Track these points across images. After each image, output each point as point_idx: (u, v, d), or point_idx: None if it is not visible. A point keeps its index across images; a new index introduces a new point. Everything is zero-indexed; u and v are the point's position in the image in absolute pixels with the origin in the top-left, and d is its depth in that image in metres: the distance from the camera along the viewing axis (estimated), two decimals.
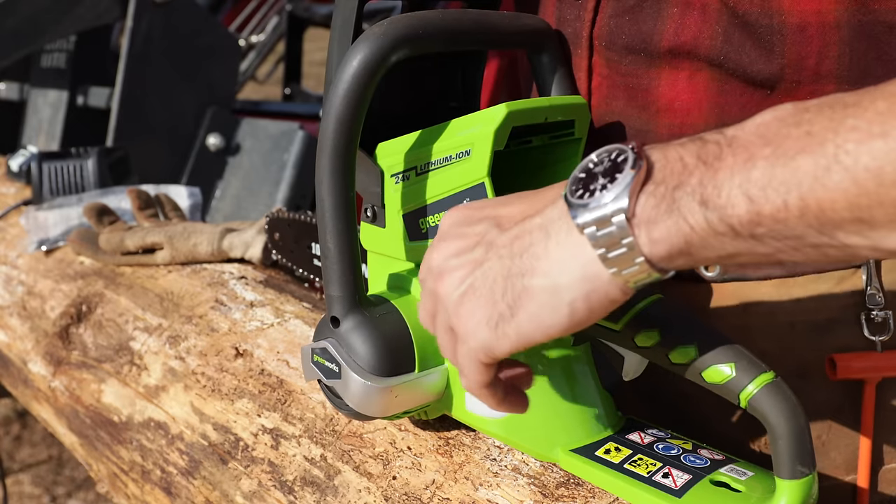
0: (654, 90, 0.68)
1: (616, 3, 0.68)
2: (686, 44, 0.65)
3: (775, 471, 0.54)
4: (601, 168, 0.46)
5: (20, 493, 2.33)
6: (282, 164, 2.16)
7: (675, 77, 0.67)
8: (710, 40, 0.64)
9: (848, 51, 0.61)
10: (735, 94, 0.65)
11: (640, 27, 0.67)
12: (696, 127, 0.67)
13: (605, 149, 0.48)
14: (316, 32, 3.40)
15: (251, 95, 4.28)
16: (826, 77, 0.62)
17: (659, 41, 0.66)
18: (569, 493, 0.63)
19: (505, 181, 0.70)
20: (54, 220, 1.33)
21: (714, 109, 0.66)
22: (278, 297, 1.01)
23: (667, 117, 0.68)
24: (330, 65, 0.67)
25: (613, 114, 0.71)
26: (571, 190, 0.47)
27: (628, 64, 0.69)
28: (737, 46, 0.63)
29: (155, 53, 2.17)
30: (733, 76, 0.65)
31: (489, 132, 0.60)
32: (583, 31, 0.71)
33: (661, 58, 0.67)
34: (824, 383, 0.71)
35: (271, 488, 0.75)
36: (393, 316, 0.64)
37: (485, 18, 0.68)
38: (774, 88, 0.64)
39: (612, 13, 0.69)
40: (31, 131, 2.44)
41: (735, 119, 0.64)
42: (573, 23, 0.72)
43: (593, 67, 0.72)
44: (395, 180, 0.67)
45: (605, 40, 0.70)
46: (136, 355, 0.98)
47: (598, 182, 0.46)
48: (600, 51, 0.71)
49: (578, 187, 0.47)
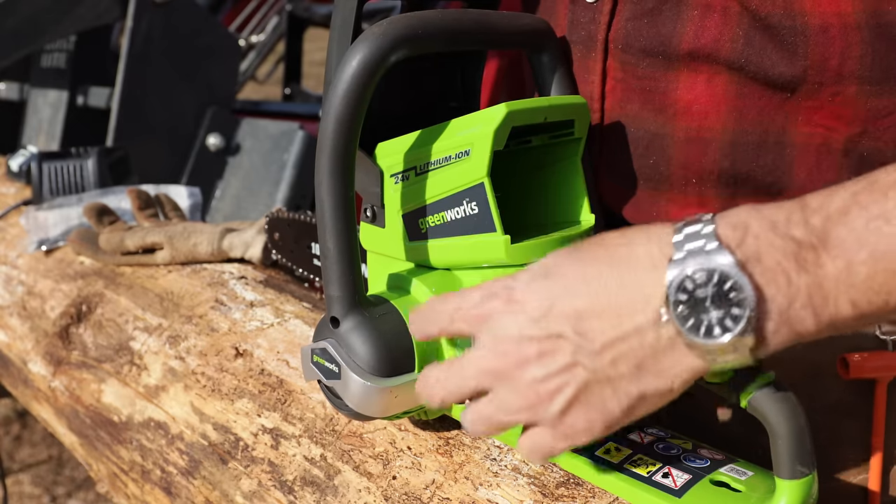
0: (672, 93, 0.68)
1: (634, 5, 0.68)
2: (706, 46, 0.64)
3: (775, 471, 0.54)
4: (707, 295, 0.46)
5: (20, 493, 2.33)
6: (282, 164, 2.16)
7: (694, 80, 0.66)
8: (731, 43, 0.64)
9: (870, 51, 0.60)
10: (754, 97, 0.65)
11: (659, 30, 0.66)
12: (714, 130, 0.66)
13: (703, 265, 0.46)
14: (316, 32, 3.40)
15: (251, 95, 4.28)
16: (848, 78, 0.61)
17: (678, 44, 0.66)
18: (569, 493, 0.63)
19: (504, 181, 0.70)
20: (54, 220, 1.33)
21: (732, 113, 0.66)
22: (278, 297, 1.01)
23: (684, 120, 0.68)
24: (329, 65, 0.67)
25: (628, 117, 0.71)
26: (679, 315, 0.46)
27: (645, 67, 0.68)
28: (758, 49, 0.63)
29: (155, 53, 2.17)
30: (753, 79, 0.64)
31: (489, 132, 0.60)
32: (598, 34, 0.70)
33: (680, 60, 0.66)
34: (836, 383, 0.71)
35: (271, 488, 0.75)
36: (393, 316, 0.64)
37: (484, 18, 0.68)
38: (795, 91, 0.63)
39: (630, 16, 0.68)
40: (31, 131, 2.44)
41: (753, 123, 0.65)
42: (587, 25, 0.71)
43: (607, 71, 0.71)
44: (394, 180, 0.67)
45: (621, 43, 0.69)
46: (136, 355, 0.98)
47: (712, 316, 0.46)
48: (615, 54, 0.70)
49: (687, 315, 0.46)
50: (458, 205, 0.63)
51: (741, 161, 0.66)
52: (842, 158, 0.64)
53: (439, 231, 0.65)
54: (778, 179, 0.66)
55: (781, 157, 0.65)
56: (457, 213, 0.63)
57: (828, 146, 0.64)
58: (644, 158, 0.70)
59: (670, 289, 0.46)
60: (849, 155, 0.64)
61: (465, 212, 0.63)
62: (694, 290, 0.46)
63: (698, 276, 0.46)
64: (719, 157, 0.67)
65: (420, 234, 0.66)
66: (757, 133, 0.65)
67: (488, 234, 0.62)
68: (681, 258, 0.47)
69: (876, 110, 0.62)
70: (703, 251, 0.46)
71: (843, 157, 0.64)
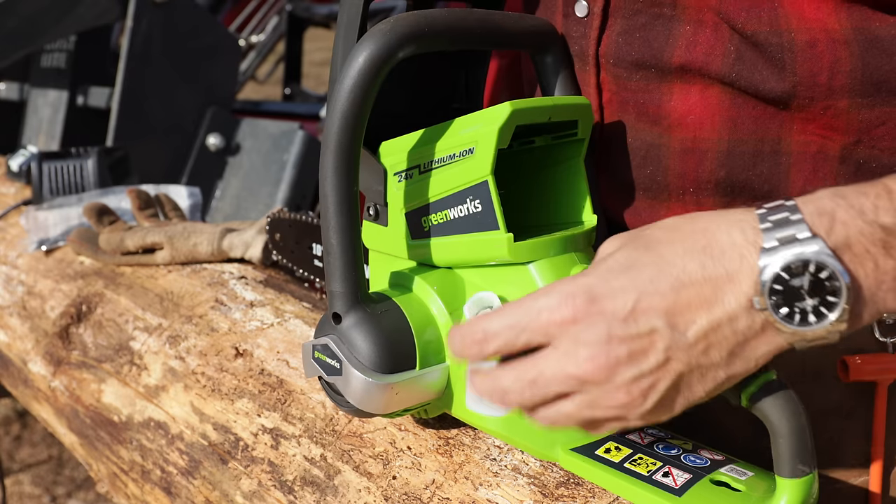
0: (666, 105, 0.68)
1: (625, 21, 0.68)
2: (697, 60, 0.65)
3: (776, 470, 0.54)
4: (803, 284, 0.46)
5: (20, 493, 2.33)
6: (282, 164, 2.16)
7: (688, 91, 0.66)
8: (723, 58, 0.64)
9: (860, 65, 0.60)
10: (748, 108, 0.65)
11: (651, 44, 0.67)
12: (709, 140, 0.66)
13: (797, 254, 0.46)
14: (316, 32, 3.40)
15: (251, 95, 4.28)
16: (839, 92, 0.61)
17: (669, 58, 0.66)
18: (569, 493, 0.63)
19: (507, 182, 0.70)
20: (54, 220, 1.33)
21: (727, 123, 0.66)
22: (278, 296, 1.01)
23: (679, 132, 0.68)
24: (335, 62, 0.67)
25: (625, 128, 0.71)
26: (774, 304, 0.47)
27: (638, 79, 0.68)
28: (749, 65, 0.63)
29: (155, 53, 2.16)
30: (745, 92, 0.64)
31: (493, 130, 0.60)
32: (589, 49, 0.71)
33: (673, 73, 0.66)
34: (837, 385, 0.71)
35: (271, 488, 0.75)
36: (395, 313, 0.64)
37: (490, 18, 0.68)
38: (788, 105, 0.63)
39: (621, 31, 0.68)
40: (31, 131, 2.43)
41: (748, 132, 0.65)
42: (579, 40, 0.72)
43: (602, 84, 0.71)
44: (397, 178, 0.67)
45: (612, 57, 0.69)
46: (136, 355, 0.98)
47: (807, 304, 0.46)
48: (607, 68, 0.70)
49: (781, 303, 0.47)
50: (461, 203, 0.63)
51: (737, 170, 0.66)
52: (839, 165, 0.64)
53: (442, 229, 0.65)
54: (775, 187, 0.66)
55: (777, 166, 0.65)
56: (460, 212, 0.63)
57: (824, 154, 0.64)
58: (642, 168, 0.71)
59: (763, 278, 0.47)
60: (845, 162, 0.64)
61: (468, 210, 0.63)
62: (789, 279, 0.46)
63: (794, 265, 0.46)
64: (715, 167, 0.67)
65: (423, 233, 0.66)
66: (752, 142, 0.66)
67: (491, 232, 0.62)
68: (773, 247, 0.47)
69: (868, 121, 0.62)
70: (796, 239, 0.46)
71: (839, 165, 0.64)
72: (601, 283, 0.49)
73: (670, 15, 0.66)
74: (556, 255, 0.64)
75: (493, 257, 0.63)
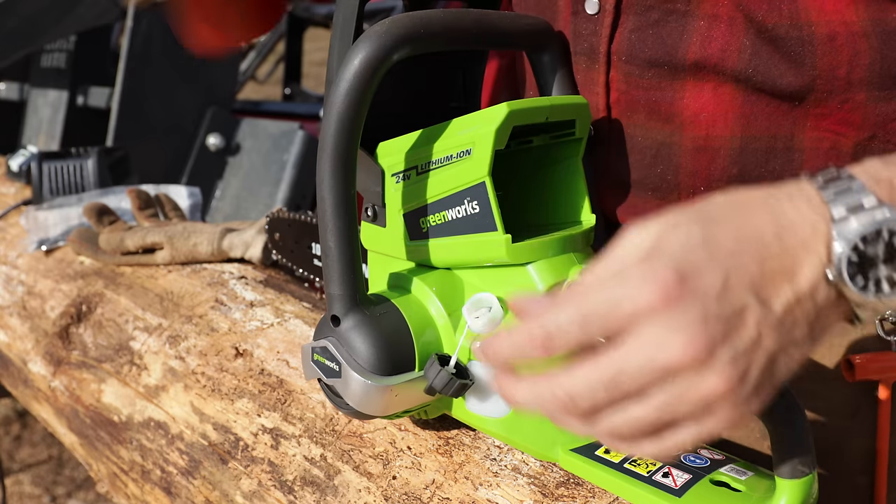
0: (678, 103, 0.67)
1: (638, 17, 0.68)
2: (712, 57, 0.64)
3: (775, 470, 0.54)
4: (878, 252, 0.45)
5: (20, 493, 2.33)
6: (282, 164, 2.16)
7: (700, 89, 0.66)
8: (738, 54, 0.63)
9: (879, 58, 0.60)
10: (762, 105, 0.65)
11: (665, 40, 0.66)
12: (722, 138, 0.66)
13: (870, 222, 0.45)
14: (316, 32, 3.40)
15: (251, 95, 4.28)
16: (857, 85, 0.61)
17: (684, 54, 0.65)
18: (569, 493, 0.63)
19: (505, 181, 0.70)
20: (54, 220, 1.33)
21: (740, 120, 0.66)
22: (278, 296, 1.01)
23: (691, 129, 0.67)
24: (331, 64, 0.67)
25: (634, 127, 0.71)
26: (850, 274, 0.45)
27: (650, 77, 0.68)
28: (765, 59, 0.63)
29: (155, 53, 2.17)
30: (760, 89, 0.64)
31: (490, 131, 0.60)
32: (600, 46, 0.70)
33: (686, 71, 0.66)
34: (841, 385, 0.71)
35: (271, 488, 0.75)
36: (393, 315, 0.64)
37: (486, 18, 0.68)
38: (803, 100, 0.63)
39: (634, 27, 0.68)
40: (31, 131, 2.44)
41: (761, 129, 0.64)
42: (589, 38, 0.71)
43: (611, 83, 0.71)
44: (395, 179, 0.67)
45: (624, 55, 0.69)
46: (136, 355, 0.98)
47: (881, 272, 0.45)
48: (618, 66, 0.70)
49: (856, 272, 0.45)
50: (459, 204, 0.63)
51: (750, 167, 0.66)
52: (851, 162, 0.64)
53: (440, 230, 0.65)
54: None
55: (790, 162, 0.65)
56: (458, 213, 0.63)
57: (837, 150, 0.64)
58: (651, 168, 0.70)
59: (838, 249, 0.45)
60: (858, 158, 0.64)
61: (466, 211, 0.63)
62: (864, 248, 0.45)
63: (868, 234, 0.45)
64: (728, 165, 0.67)
65: (421, 234, 0.66)
66: (765, 139, 0.65)
67: (489, 233, 0.62)
68: (843, 216, 0.45)
69: (885, 115, 0.62)
70: (864, 208, 0.45)
71: (852, 161, 0.64)
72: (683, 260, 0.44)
73: (684, 10, 0.65)
74: (554, 256, 0.64)
75: (492, 258, 0.63)
